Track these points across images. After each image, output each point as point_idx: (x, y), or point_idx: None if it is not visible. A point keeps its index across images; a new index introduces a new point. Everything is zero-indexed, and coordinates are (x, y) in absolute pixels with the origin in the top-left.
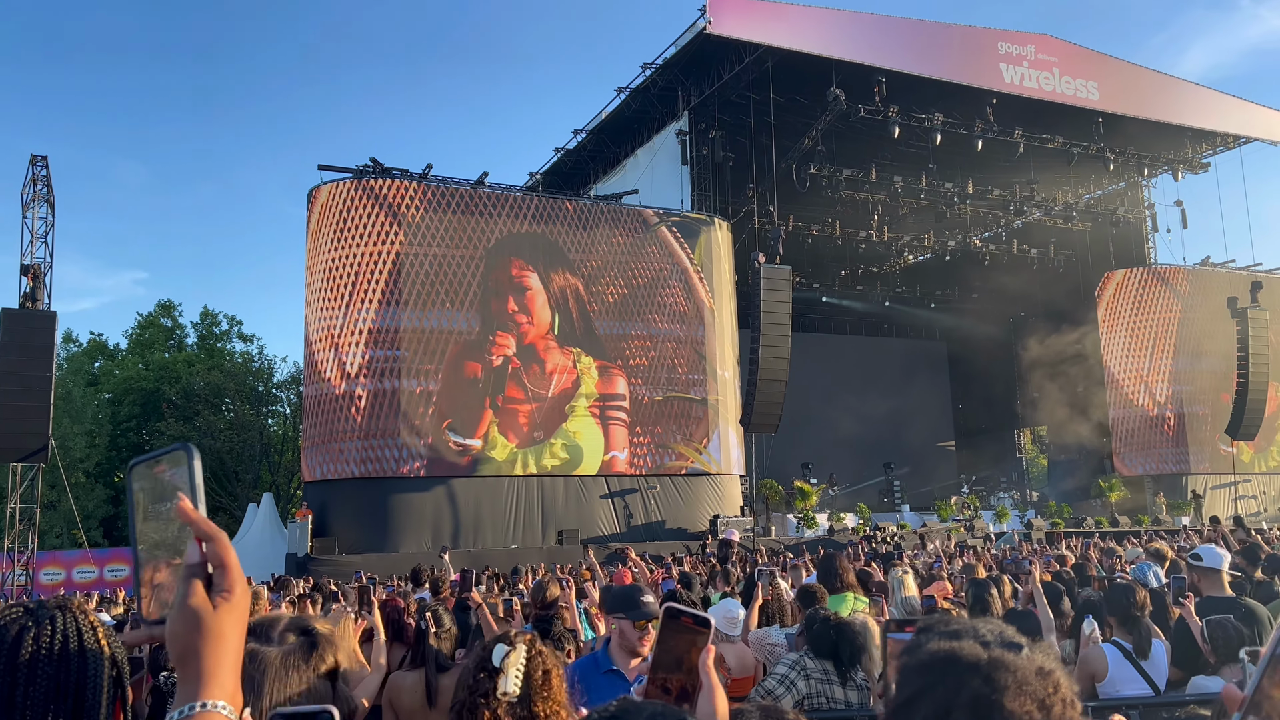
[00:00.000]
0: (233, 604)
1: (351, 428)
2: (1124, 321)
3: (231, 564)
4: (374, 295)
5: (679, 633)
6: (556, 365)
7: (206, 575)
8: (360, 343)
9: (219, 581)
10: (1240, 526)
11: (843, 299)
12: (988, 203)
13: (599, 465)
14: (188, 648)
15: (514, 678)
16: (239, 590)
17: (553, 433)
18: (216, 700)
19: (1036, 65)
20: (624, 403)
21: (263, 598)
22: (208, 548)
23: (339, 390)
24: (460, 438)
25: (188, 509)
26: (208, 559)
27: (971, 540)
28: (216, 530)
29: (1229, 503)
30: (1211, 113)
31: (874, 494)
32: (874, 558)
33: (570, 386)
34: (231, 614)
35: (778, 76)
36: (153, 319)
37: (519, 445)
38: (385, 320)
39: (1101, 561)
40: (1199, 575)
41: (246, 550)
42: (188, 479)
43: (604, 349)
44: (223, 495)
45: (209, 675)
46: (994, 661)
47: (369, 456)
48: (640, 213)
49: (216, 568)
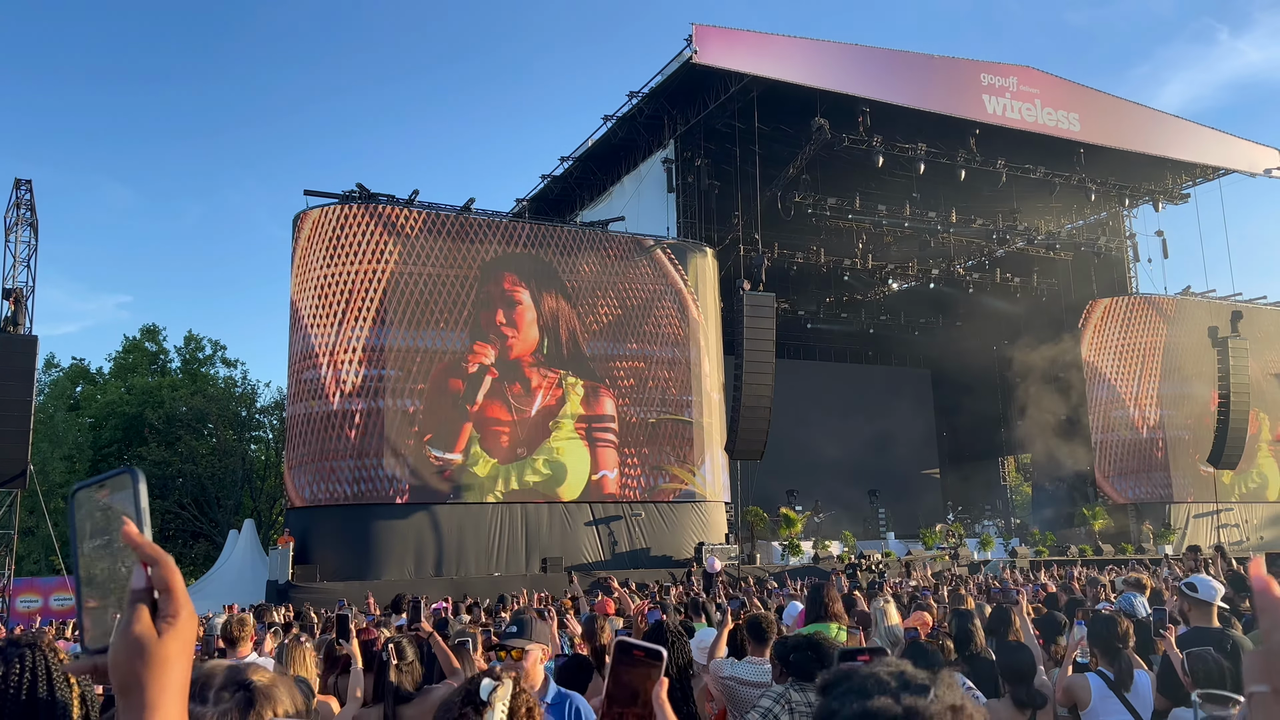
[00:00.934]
0: (178, 630)
1: (338, 448)
2: (1111, 346)
3: (177, 589)
4: (365, 314)
5: (633, 665)
6: (541, 383)
7: (152, 601)
8: (347, 361)
9: (164, 607)
10: (1222, 556)
11: (827, 326)
12: (971, 232)
13: (584, 485)
14: (130, 676)
15: (500, 712)
16: (184, 615)
17: (535, 448)
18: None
19: (1019, 96)
20: (612, 424)
21: (248, 625)
22: (153, 572)
23: (326, 409)
24: (440, 452)
25: (133, 533)
26: (153, 584)
27: (957, 568)
28: (162, 554)
29: (1211, 531)
30: (1191, 144)
31: (859, 521)
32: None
33: (554, 404)
34: (177, 640)
35: (763, 106)
36: (137, 343)
37: (501, 461)
38: (374, 339)
39: (1085, 591)
40: (1190, 605)
41: (227, 576)
42: (133, 503)
43: (593, 370)
44: (203, 521)
45: (153, 705)
46: (908, 712)
47: (358, 477)
48: (634, 237)
49: (162, 593)
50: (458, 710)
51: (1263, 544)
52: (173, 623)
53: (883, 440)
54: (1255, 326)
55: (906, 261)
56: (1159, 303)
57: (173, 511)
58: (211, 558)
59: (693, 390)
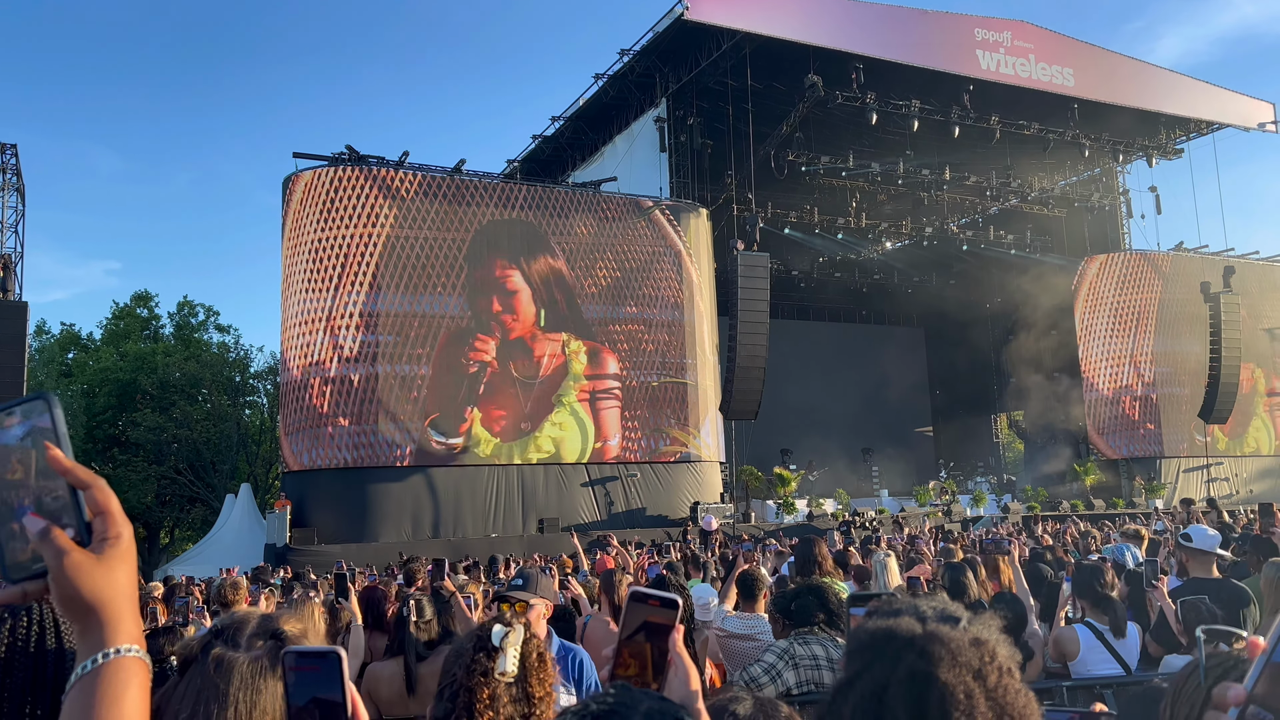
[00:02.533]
0: (121, 549)
1: (335, 413)
2: (1106, 302)
3: (113, 510)
4: (361, 278)
5: (648, 615)
6: (544, 351)
7: (67, 525)
8: (344, 326)
9: (101, 528)
10: (1213, 508)
11: (821, 286)
12: (964, 189)
13: (589, 453)
14: (82, 603)
15: (513, 658)
16: (126, 534)
17: (539, 424)
18: (128, 645)
19: (1013, 52)
20: (616, 385)
21: (242, 588)
22: (86, 495)
23: (323, 374)
24: (441, 436)
25: (59, 457)
26: (86, 506)
27: (950, 525)
28: (93, 477)
29: (1202, 485)
30: (1185, 99)
31: (853, 479)
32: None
33: (558, 370)
34: (122, 560)
35: (755, 63)
36: (128, 309)
37: (504, 440)
38: (370, 304)
39: (1077, 545)
40: (1188, 555)
41: (225, 540)
42: (52, 428)
43: (593, 331)
44: (200, 486)
45: (112, 622)
46: (929, 635)
47: (357, 442)
48: (633, 198)
49: (98, 514)
50: (470, 656)
51: (1252, 496)
52: (115, 543)
53: (876, 398)
54: (1247, 281)
55: (900, 220)
56: (1154, 259)
57: (169, 477)
58: (209, 522)
59: (689, 353)
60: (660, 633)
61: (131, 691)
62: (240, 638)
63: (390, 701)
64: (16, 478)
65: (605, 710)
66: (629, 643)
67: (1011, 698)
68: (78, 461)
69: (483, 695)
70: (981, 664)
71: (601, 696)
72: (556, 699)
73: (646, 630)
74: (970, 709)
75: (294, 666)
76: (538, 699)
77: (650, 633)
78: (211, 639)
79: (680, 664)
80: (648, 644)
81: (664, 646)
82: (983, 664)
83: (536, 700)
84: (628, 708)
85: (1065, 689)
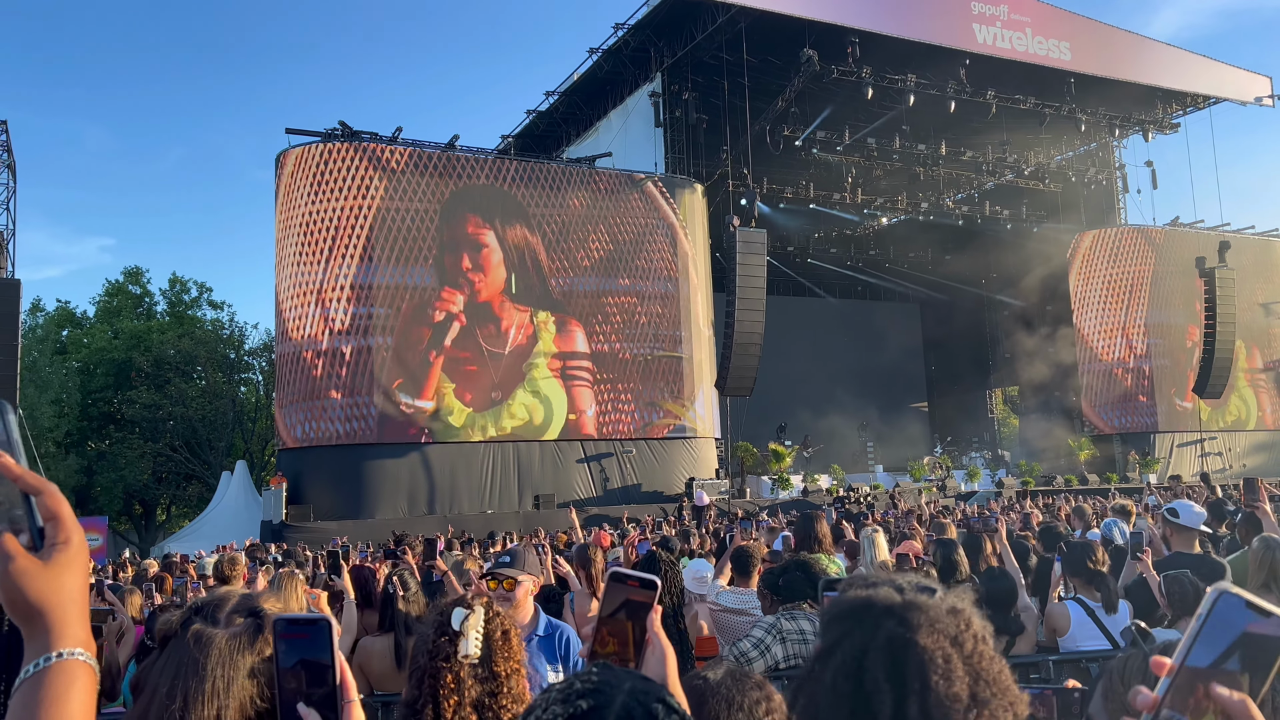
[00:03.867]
0: (70, 554)
1: (328, 386)
2: (1100, 276)
3: (64, 515)
4: (352, 252)
5: (627, 595)
6: (511, 321)
7: (20, 531)
8: (336, 300)
9: (52, 534)
10: (1206, 484)
11: (816, 262)
12: (960, 164)
13: (563, 425)
14: (27, 607)
15: (475, 640)
16: (76, 539)
17: (510, 393)
18: (73, 649)
19: (1009, 25)
20: (586, 360)
21: (240, 564)
22: (38, 501)
23: (315, 347)
24: (409, 398)
25: (10, 464)
26: (39, 513)
27: (944, 500)
28: (44, 482)
29: (1195, 460)
30: (1182, 73)
31: (848, 455)
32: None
33: (525, 343)
34: (70, 565)
35: (751, 37)
36: (121, 286)
37: (476, 410)
38: (362, 277)
39: (1070, 520)
40: (1172, 530)
41: (222, 518)
42: (3, 434)
43: (563, 305)
44: (196, 463)
45: (58, 626)
46: (908, 604)
47: (350, 415)
48: (625, 173)
49: (49, 520)
50: (432, 641)
51: (1245, 471)
52: (64, 548)
53: (871, 374)
54: (1242, 256)
55: (896, 195)
56: (1148, 232)
57: (164, 454)
58: (205, 499)
59: (684, 325)
60: (639, 612)
61: (75, 694)
62: (219, 615)
63: (382, 675)
64: None
65: (589, 689)
66: (608, 621)
67: (986, 664)
68: (75, 440)
69: (446, 679)
70: (958, 631)
71: (585, 675)
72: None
73: (626, 609)
74: (948, 673)
75: (284, 634)
76: (504, 676)
77: (630, 612)
78: (191, 615)
79: (657, 644)
80: (628, 623)
81: (642, 626)
82: (959, 631)
83: (504, 678)
84: (611, 686)
85: (1052, 663)
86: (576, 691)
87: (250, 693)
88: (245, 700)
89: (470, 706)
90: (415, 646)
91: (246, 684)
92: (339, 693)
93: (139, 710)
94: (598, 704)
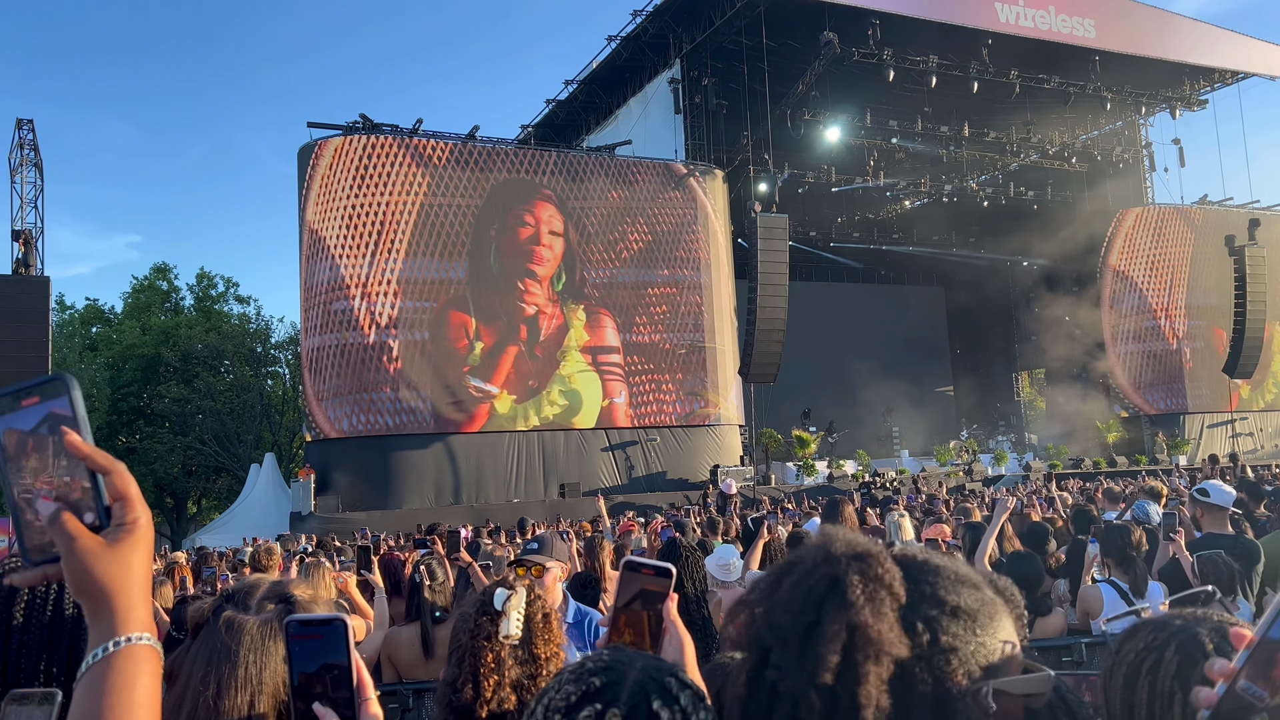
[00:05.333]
0: (137, 536)
1: (376, 379)
2: (1143, 255)
3: (132, 495)
4: (398, 246)
5: (642, 584)
6: (547, 314)
7: (86, 510)
8: (381, 293)
9: (120, 514)
10: (1234, 463)
11: (839, 246)
12: (984, 145)
13: (598, 414)
14: (94, 589)
15: (515, 620)
16: (143, 521)
17: (547, 382)
18: (140, 633)
19: (1032, 4)
20: (617, 353)
21: (276, 554)
22: (107, 481)
23: (360, 340)
24: (480, 381)
25: (78, 442)
26: (106, 492)
27: (971, 484)
28: (113, 461)
29: (1225, 440)
30: (1209, 48)
31: (873, 440)
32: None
33: (556, 333)
34: (137, 546)
35: (770, 21)
36: (148, 282)
37: (518, 400)
38: (408, 271)
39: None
40: (1203, 510)
41: (251, 509)
42: (70, 412)
43: (593, 296)
44: (225, 456)
45: (123, 610)
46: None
47: (399, 409)
48: (664, 163)
49: (118, 500)
50: (474, 620)
51: (1277, 451)
52: (131, 529)
53: (896, 358)
54: (1273, 234)
55: (919, 178)
56: (1187, 212)
57: (194, 448)
58: (235, 491)
59: (714, 315)
60: (655, 601)
61: (143, 680)
62: (250, 601)
63: (410, 664)
64: (34, 463)
65: (602, 667)
66: (625, 611)
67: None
68: (105, 435)
69: (487, 659)
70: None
71: (597, 656)
72: (566, 659)
73: (642, 599)
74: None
75: (296, 635)
76: (544, 659)
77: (645, 601)
78: (223, 603)
79: (674, 632)
80: (644, 612)
81: (658, 615)
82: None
83: (543, 661)
84: (624, 664)
85: (1084, 645)
86: (589, 670)
87: (283, 678)
88: (278, 685)
89: (510, 687)
90: (456, 625)
91: (279, 669)
92: (356, 693)
93: (174, 698)
94: (610, 680)
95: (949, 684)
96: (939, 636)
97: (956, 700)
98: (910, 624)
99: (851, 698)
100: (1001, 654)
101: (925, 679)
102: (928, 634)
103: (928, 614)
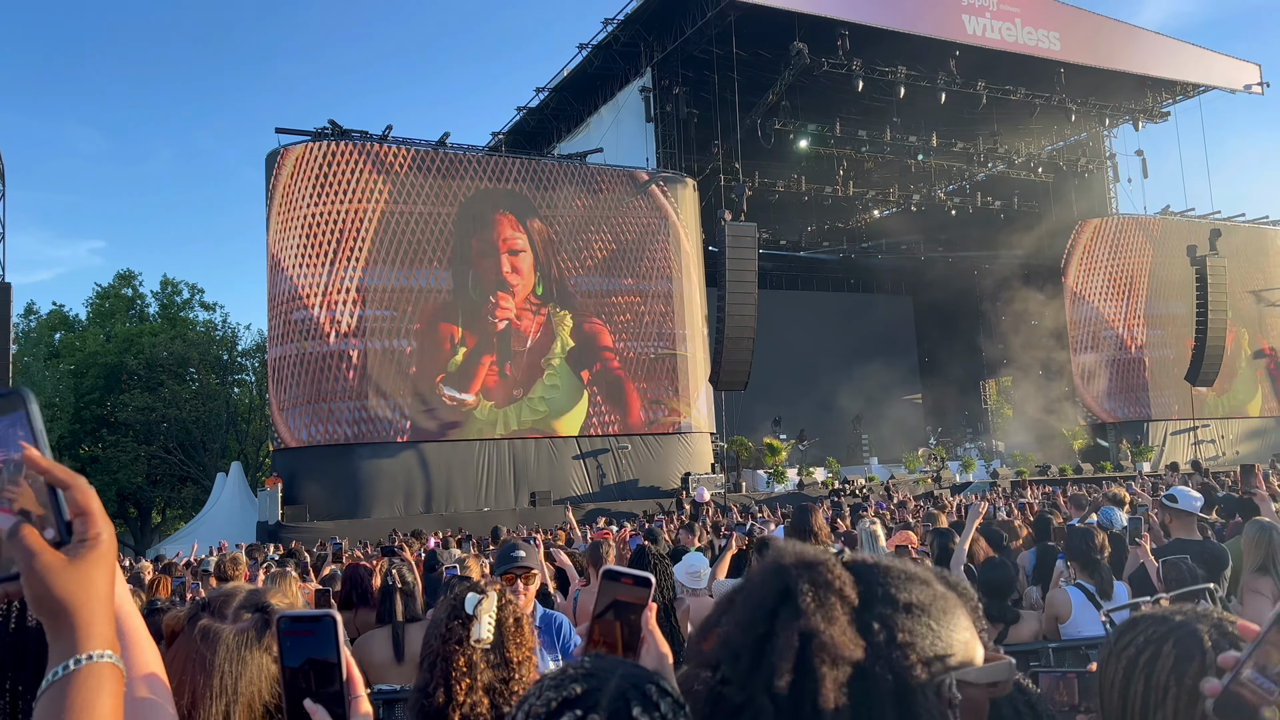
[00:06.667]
0: (100, 551)
1: (336, 389)
2: (1101, 266)
3: (94, 510)
4: (358, 254)
5: (621, 593)
6: (531, 321)
7: (47, 526)
8: (341, 302)
9: (81, 530)
10: (1198, 471)
11: (809, 255)
12: (951, 155)
13: (583, 420)
14: (54, 605)
15: (487, 624)
16: (105, 536)
17: (530, 389)
18: (101, 650)
19: (999, 16)
20: (598, 358)
21: (241, 563)
22: (66, 495)
23: (321, 349)
24: (455, 391)
25: (36, 457)
26: (67, 507)
27: (939, 491)
28: (74, 476)
29: (1188, 447)
30: (1171, 62)
31: (843, 448)
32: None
33: (546, 335)
34: (99, 562)
35: (741, 31)
36: (113, 289)
37: (498, 405)
38: (368, 279)
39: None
40: (1171, 516)
41: (217, 519)
42: (27, 425)
43: (580, 304)
44: (191, 465)
45: (84, 627)
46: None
47: (358, 418)
48: (629, 170)
49: (77, 515)
50: (445, 625)
51: (1238, 458)
52: (94, 544)
53: (865, 367)
54: (1233, 244)
55: (887, 187)
56: (1145, 223)
57: (159, 456)
58: (200, 501)
59: (681, 324)
60: (633, 611)
61: (104, 699)
62: (227, 610)
63: (381, 668)
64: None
65: (583, 673)
66: (601, 620)
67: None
68: (68, 444)
69: (459, 663)
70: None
71: (578, 663)
72: (538, 663)
73: (618, 608)
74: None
75: (287, 631)
76: (516, 663)
77: (622, 611)
78: (198, 611)
79: (652, 642)
80: (618, 622)
81: (636, 624)
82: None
83: (515, 665)
84: (605, 671)
85: (1051, 650)
86: (569, 677)
87: (259, 688)
88: (254, 695)
89: (482, 690)
90: (428, 631)
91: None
92: (346, 689)
93: None
94: (591, 687)
95: (908, 678)
96: (895, 634)
97: (916, 693)
98: (865, 624)
99: (812, 703)
100: (960, 645)
101: (885, 676)
102: (883, 632)
103: (881, 613)
